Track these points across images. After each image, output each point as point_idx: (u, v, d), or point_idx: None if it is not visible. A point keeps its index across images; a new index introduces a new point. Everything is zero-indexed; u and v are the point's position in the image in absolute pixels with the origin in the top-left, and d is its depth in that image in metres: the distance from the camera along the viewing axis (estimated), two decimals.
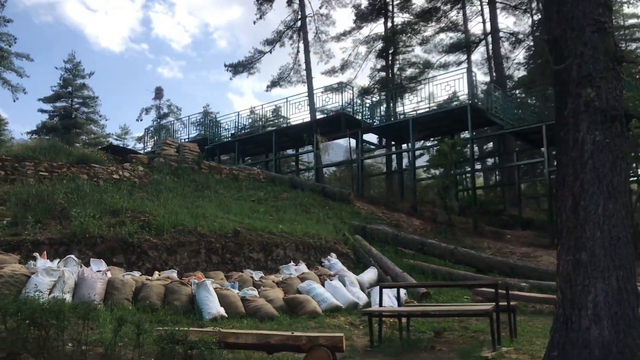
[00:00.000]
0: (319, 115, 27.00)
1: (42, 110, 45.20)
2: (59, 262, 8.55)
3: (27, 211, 9.97)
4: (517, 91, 28.30)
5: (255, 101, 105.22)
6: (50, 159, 13.02)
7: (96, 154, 15.02)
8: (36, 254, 8.66)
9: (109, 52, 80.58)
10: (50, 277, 7.83)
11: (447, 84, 21.80)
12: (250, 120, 28.28)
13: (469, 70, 23.69)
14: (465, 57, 34.27)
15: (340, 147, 28.38)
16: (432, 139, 25.20)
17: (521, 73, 35.55)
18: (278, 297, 9.29)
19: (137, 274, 9.19)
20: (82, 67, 46.20)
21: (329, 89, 26.43)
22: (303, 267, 11.18)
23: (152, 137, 32.80)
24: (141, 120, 63.76)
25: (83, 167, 13.16)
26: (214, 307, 8.26)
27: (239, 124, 27.04)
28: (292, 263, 11.35)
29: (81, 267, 8.49)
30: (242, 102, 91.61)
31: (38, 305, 5.47)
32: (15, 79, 38.09)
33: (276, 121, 30.62)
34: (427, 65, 36.09)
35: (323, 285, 10.11)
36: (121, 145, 26.87)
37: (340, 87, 25.21)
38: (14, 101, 63.14)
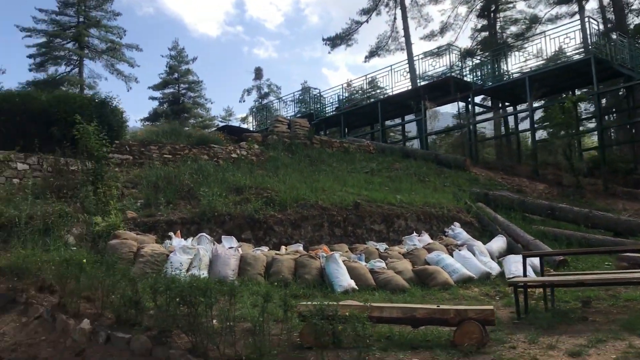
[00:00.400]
0: (420, 82, 26.12)
1: (152, 98, 47.43)
2: (192, 240, 8.82)
3: (157, 193, 10.39)
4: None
5: (350, 74, 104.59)
6: (173, 141, 13.54)
7: (214, 134, 15.44)
8: (171, 234, 9.00)
9: (207, 37, 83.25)
10: (187, 255, 8.08)
11: (567, 36, 20.17)
12: (347, 94, 27.97)
13: (583, 20, 21.83)
14: (576, 7, 31.61)
15: (444, 114, 27.48)
16: (546, 98, 23.54)
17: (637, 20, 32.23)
18: (407, 269, 9.04)
19: (265, 249, 9.31)
20: (185, 54, 47.80)
21: (429, 54, 25.43)
22: (426, 238, 10.84)
23: (255, 116, 33.42)
24: (243, 101, 65.61)
25: (203, 148, 13.57)
26: (344, 280, 8.16)
27: (343, 97, 26.85)
28: (414, 234, 11.05)
29: (214, 244, 8.71)
30: (336, 76, 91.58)
31: (186, 283, 5.56)
32: (127, 70, 40.21)
33: (374, 92, 30.06)
34: (534, 20, 33.75)
35: (451, 255, 9.73)
36: (236, 125, 27.50)
37: (446, 49, 24.20)
38: (128, 91, 67.06)
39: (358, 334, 4.54)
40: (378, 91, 29.42)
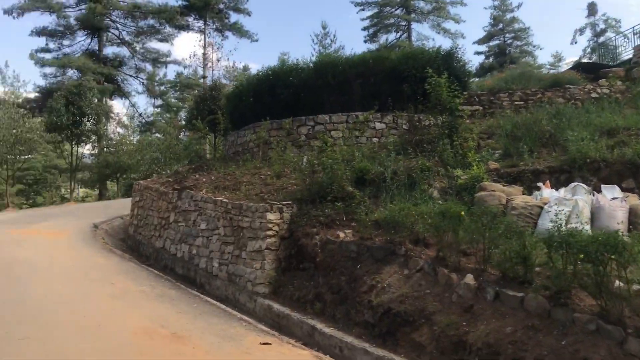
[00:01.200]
0: None
1: (477, 53, 46.54)
2: (565, 191, 7.84)
3: (515, 141, 9.66)
4: None
5: None
6: (522, 87, 12.56)
7: (568, 74, 13.88)
8: (540, 184, 8.19)
9: None
10: (564, 207, 7.16)
11: None
12: None
13: None
14: None
15: None
16: None
17: None
18: None
19: None
20: (509, 1, 45.30)
21: None
22: None
23: (590, 58, 29.57)
24: (575, 42, 59.32)
25: (557, 90, 12.30)
26: None
27: None
28: None
29: (593, 194, 7.58)
30: None
31: (589, 238, 4.74)
32: (453, 27, 40.04)
33: None
34: None
35: None
36: (590, 62, 24.50)
37: None
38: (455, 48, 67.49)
39: None
40: None
